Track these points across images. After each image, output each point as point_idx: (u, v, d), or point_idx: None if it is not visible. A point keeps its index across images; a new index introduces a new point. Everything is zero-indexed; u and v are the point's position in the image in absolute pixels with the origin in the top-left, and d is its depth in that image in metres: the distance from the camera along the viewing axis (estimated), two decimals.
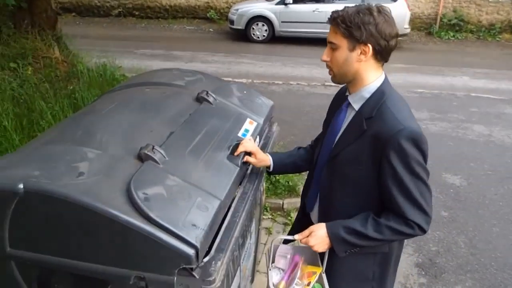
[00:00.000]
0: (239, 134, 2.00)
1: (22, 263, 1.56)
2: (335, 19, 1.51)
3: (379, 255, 1.68)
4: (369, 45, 1.47)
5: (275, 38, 10.92)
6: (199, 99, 2.17)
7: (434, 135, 5.58)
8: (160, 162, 1.59)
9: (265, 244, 3.28)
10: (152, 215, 1.33)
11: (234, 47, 10.57)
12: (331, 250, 1.63)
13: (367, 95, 1.56)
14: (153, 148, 1.61)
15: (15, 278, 1.61)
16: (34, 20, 6.66)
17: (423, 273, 3.19)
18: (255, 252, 2.39)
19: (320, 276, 1.68)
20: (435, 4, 12.76)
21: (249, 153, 1.86)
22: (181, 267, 1.33)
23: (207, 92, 2.18)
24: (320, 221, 1.73)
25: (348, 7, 1.51)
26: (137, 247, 1.36)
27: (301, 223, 1.92)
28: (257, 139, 2.07)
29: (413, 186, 1.48)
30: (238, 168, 1.79)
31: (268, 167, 1.95)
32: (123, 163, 1.58)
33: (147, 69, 5.30)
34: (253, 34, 11.06)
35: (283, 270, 1.76)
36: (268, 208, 3.86)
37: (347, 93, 1.65)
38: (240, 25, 11.08)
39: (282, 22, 10.76)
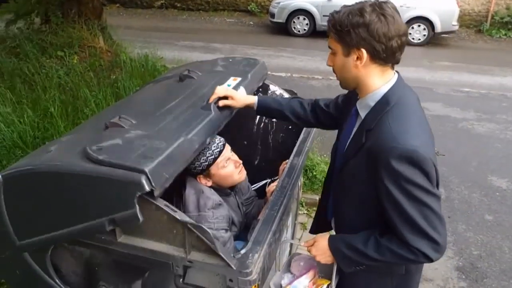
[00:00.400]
0: None
1: (34, 251, 1.66)
2: (328, 22, 1.40)
3: (397, 277, 1.55)
4: (362, 49, 1.33)
5: (316, 32, 10.76)
6: (181, 78, 2.21)
7: (480, 136, 5.36)
8: (125, 125, 1.65)
9: (299, 239, 3.25)
10: (101, 157, 1.42)
11: (274, 40, 10.51)
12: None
13: (372, 103, 1.41)
14: (120, 117, 1.68)
15: (32, 267, 1.70)
16: (81, 10, 6.87)
17: (464, 277, 3.08)
18: (290, 246, 2.36)
19: None
20: (487, 1, 12.18)
21: (225, 98, 1.86)
22: (137, 195, 1.35)
23: (189, 70, 2.23)
24: (336, 229, 1.67)
25: (345, 6, 1.37)
26: (99, 192, 1.43)
27: (316, 225, 1.88)
28: (242, 89, 2.02)
29: (413, 211, 1.31)
30: (212, 113, 1.79)
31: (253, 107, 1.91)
32: (90, 135, 1.65)
33: (187, 61, 5.36)
34: (294, 27, 10.96)
35: (295, 275, 1.73)
36: (303, 203, 3.82)
37: (358, 96, 1.50)
38: (281, 19, 11.00)
39: (323, 16, 10.58)
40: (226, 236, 1.84)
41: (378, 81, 1.40)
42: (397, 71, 1.46)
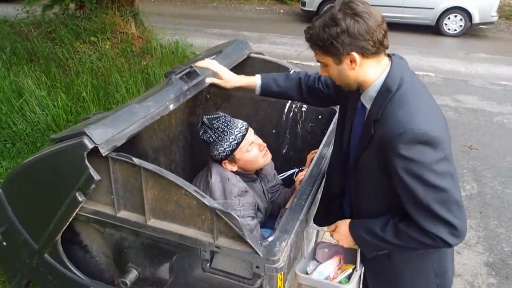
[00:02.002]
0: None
1: (50, 249, 1.74)
2: (308, 41, 1.40)
3: (435, 253, 1.56)
4: (352, 53, 1.31)
5: None
6: (166, 75, 2.26)
7: None
8: (94, 116, 1.77)
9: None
10: (54, 137, 1.58)
11: (305, 29, 10.35)
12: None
13: (374, 94, 1.40)
14: (93, 113, 1.84)
15: (56, 267, 1.78)
16: None
17: (493, 273, 2.99)
18: (316, 236, 2.35)
19: (352, 273, 1.62)
20: None
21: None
22: (84, 154, 1.45)
23: (173, 68, 2.33)
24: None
25: (317, 19, 1.36)
26: (59, 167, 1.56)
27: (326, 209, 1.87)
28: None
29: (428, 197, 1.29)
30: (173, 83, 1.88)
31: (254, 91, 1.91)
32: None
33: None
34: None
35: (320, 263, 1.72)
36: None
37: (361, 90, 1.48)
38: (312, 7, 10.82)
39: None
40: (253, 223, 1.85)
41: (375, 73, 1.38)
42: (390, 54, 1.43)
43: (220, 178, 1.93)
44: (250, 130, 1.99)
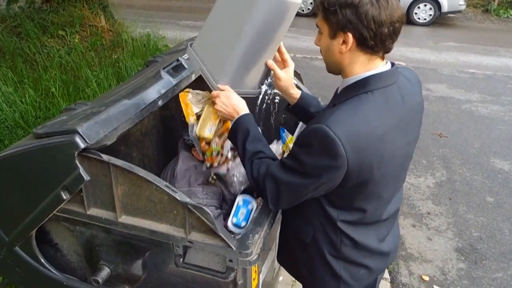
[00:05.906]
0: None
1: (21, 243, 1.69)
2: None
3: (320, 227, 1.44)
4: (349, 33, 1.20)
5: None
6: (147, 64, 2.29)
7: (484, 118, 5.32)
8: (78, 108, 1.71)
9: None
10: (41, 131, 1.49)
11: None
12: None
13: (348, 83, 1.30)
14: (75, 104, 1.77)
15: (26, 260, 1.73)
16: None
17: (463, 258, 3.09)
18: None
19: None
20: None
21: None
22: (75, 153, 1.40)
23: (154, 56, 2.35)
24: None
25: None
26: (45, 163, 1.49)
27: None
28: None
29: (282, 173, 1.31)
30: (163, 78, 1.84)
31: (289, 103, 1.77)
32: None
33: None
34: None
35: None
36: None
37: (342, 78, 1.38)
38: None
39: None
40: (216, 212, 1.85)
41: (361, 69, 1.27)
42: (394, 63, 1.35)
43: (186, 166, 1.92)
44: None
